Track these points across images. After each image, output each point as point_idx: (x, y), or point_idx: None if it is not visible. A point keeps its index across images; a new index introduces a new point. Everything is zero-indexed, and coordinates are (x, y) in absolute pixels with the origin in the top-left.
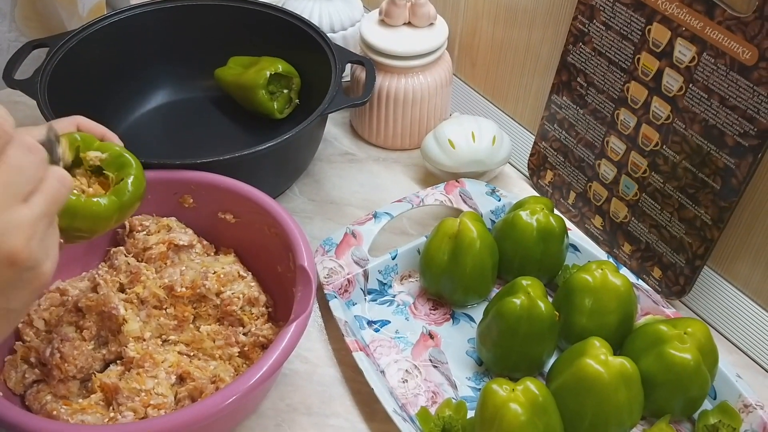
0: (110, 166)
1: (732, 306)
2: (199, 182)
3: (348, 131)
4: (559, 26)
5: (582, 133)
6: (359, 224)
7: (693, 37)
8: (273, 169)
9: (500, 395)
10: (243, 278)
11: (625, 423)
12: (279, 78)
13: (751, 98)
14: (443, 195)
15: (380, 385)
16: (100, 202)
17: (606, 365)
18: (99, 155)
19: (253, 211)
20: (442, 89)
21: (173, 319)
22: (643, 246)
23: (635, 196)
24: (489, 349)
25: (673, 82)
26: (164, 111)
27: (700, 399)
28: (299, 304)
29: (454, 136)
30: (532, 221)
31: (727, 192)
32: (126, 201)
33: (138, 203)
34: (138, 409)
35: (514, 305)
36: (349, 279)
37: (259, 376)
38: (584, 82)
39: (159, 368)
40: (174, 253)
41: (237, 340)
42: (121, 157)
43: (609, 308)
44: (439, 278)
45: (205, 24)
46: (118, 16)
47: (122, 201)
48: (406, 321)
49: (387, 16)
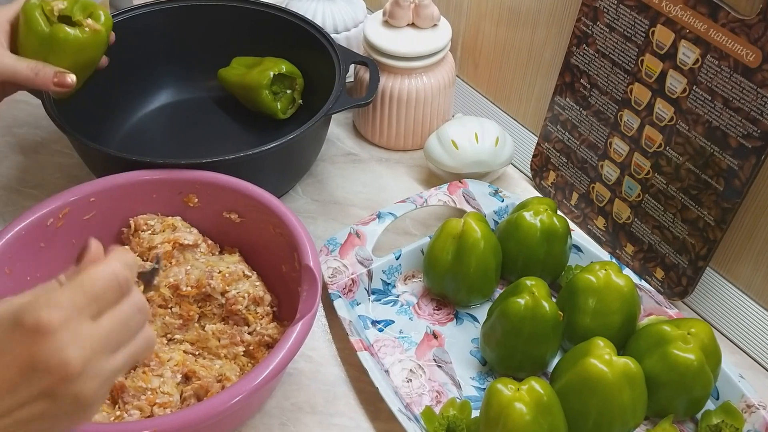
0: (74, 12)
1: (734, 307)
2: (204, 182)
3: (351, 132)
4: (562, 27)
5: (585, 135)
6: (363, 224)
7: (697, 39)
8: (276, 169)
9: (505, 394)
10: (248, 277)
11: (629, 423)
12: (282, 78)
13: (755, 100)
14: (446, 195)
15: (385, 384)
16: (98, 29)
17: (610, 365)
18: (61, 3)
19: (258, 211)
20: (445, 90)
21: (178, 318)
22: (646, 247)
23: (638, 197)
24: (493, 348)
25: (676, 84)
26: (168, 111)
27: (703, 399)
28: (304, 304)
29: (457, 137)
30: (535, 222)
31: (730, 193)
32: (105, 22)
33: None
34: (144, 408)
35: (518, 305)
36: (353, 279)
37: (265, 376)
38: (587, 83)
39: (165, 367)
40: (179, 252)
41: (242, 339)
42: (78, 1)
43: (612, 308)
44: (443, 278)
45: (208, 24)
46: (121, 16)
47: (106, 23)
48: (409, 321)
49: (391, 17)
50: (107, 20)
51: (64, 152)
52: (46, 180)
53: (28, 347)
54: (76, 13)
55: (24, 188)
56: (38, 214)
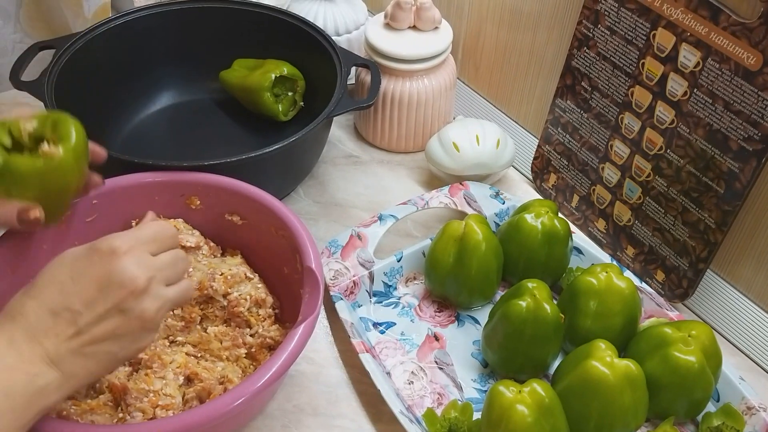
0: (45, 130)
1: (735, 309)
2: (206, 184)
3: (352, 134)
4: (563, 30)
5: (586, 137)
6: (364, 226)
7: (698, 42)
8: (278, 171)
9: (507, 396)
10: (250, 280)
11: (630, 424)
12: (284, 80)
13: (756, 103)
14: (448, 197)
15: (386, 386)
16: (56, 153)
17: (611, 367)
18: (29, 124)
19: (260, 213)
20: (446, 92)
21: (180, 320)
22: (647, 249)
23: (639, 199)
24: (494, 351)
25: (677, 87)
26: (169, 113)
27: (704, 401)
28: (307, 306)
29: (459, 139)
30: (537, 224)
31: (731, 196)
32: (76, 145)
33: (87, 147)
34: (146, 410)
35: (520, 307)
36: (354, 281)
37: (268, 378)
38: (588, 86)
39: (167, 369)
40: None
41: (244, 342)
42: (50, 117)
43: (614, 311)
44: (444, 280)
45: (209, 26)
46: (123, 18)
47: (74, 146)
48: (411, 323)
49: (392, 19)
50: (79, 140)
51: None
52: None
53: (105, 265)
54: (46, 133)
55: None
56: None
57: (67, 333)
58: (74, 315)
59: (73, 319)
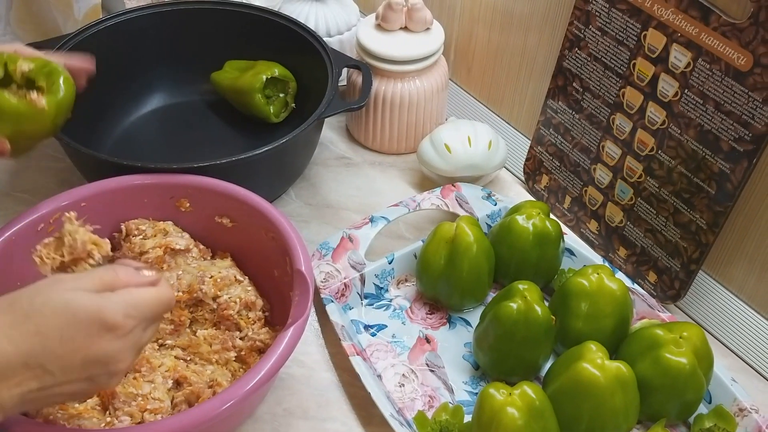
0: (39, 76)
1: (727, 310)
2: (196, 186)
3: (344, 135)
4: (554, 31)
5: (577, 138)
6: (356, 228)
7: (688, 42)
8: (269, 173)
9: (497, 399)
10: (240, 282)
11: (621, 427)
12: (275, 82)
13: (746, 104)
14: (439, 199)
15: (377, 389)
16: (40, 100)
17: (602, 369)
18: (26, 65)
19: (250, 215)
20: (438, 94)
21: (170, 323)
22: (639, 250)
23: (630, 200)
24: (486, 353)
25: (668, 88)
26: (160, 114)
27: (696, 403)
28: (296, 308)
29: (451, 140)
30: (528, 225)
31: (722, 196)
32: (62, 99)
33: (71, 102)
34: (135, 414)
35: (510, 309)
36: (345, 283)
37: (257, 381)
38: (580, 87)
39: (156, 372)
40: (170, 257)
41: (234, 345)
42: (48, 65)
43: (605, 312)
44: (436, 282)
45: (201, 28)
46: (114, 19)
47: (58, 99)
48: (402, 325)
49: (384, 20)
50: (66, 96)
51: (55, 156)
52: (38, 184)
53: (99, 343)
54: (39, 79)
55: (15, 193)
56: (29, 219)
57: (29, 386)
58: (45, 374)
59: (42, 377)
